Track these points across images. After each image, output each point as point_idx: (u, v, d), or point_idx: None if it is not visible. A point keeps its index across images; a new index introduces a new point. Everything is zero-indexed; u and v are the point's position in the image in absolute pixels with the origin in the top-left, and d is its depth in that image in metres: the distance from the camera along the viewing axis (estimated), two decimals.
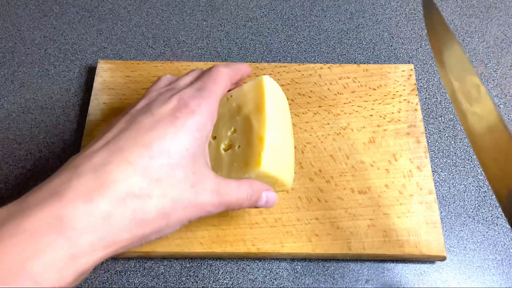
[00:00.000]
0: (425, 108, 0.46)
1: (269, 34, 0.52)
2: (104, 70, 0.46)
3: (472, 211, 0.41)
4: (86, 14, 0.53)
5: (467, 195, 0.42)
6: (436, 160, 0.44)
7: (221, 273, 0.38)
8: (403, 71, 0.46)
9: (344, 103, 0.44)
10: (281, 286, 0.38)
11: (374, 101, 0.44)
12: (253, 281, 0.38)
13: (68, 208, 0.23)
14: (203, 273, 0.38)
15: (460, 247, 0.40)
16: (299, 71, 0.46)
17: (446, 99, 0.47)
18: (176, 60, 0.49)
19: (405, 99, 0.44)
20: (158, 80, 0.33)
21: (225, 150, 0.34)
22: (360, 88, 0.45)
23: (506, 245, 0.40)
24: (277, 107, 0.34)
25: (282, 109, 0.35)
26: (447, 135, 0.45)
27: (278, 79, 0.45)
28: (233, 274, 0.38)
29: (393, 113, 0.44)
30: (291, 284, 0.38)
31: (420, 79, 0.48)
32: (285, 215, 0.39)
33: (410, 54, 0.50)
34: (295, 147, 0.41)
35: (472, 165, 0.43)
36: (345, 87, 0.45)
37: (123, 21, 0.52)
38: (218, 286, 0.38)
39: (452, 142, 0.45)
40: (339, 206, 0.39)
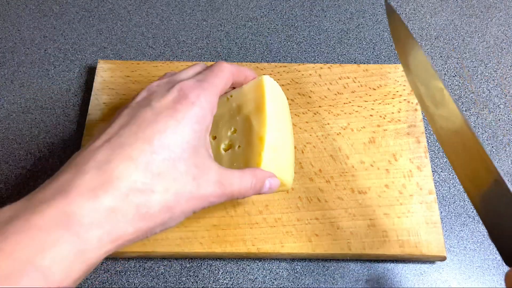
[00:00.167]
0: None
1: (269, 34, 0.52)
2: (104, 70, 0.46)
3: (472, 211, 0.41)
4: (86, 14, 0.53)
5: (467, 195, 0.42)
6: (436, 160, 0.44)
7: (221, 273, 0.38)
8: (403, 71, 0.46)
9: (344, 103, 0.44)
10: (281, 286, 0.38)
11: (374, 101, 0.44)
12: (253, 281, 0.38)
13: (74, 205, 0.23)
14: (203, 273, 0.38)
15: (460, 247, 0.40)
16: (299, 71, 0.46)
17: None
18: (176, 60, 0.49)
19: (405, 99, 0.44)
20: (161, 76, 0.33)
21: (225, 150, 0.34)
22: (360, 88, 0.45)
23: None
24: (277, 107, 0.34)
25: (282, 109, 0.35)
26: None
27: (278, 79, 0.45)
28: (233, 274, 0.38)
29: (393, 113, 0.44)
30: (291, 284, 0.38)
31: None
32: (285, 215, 0.39)
33: None
34: (295, 147, 0.41)
35: None
36: (345, 87, 0.45)
37: (123, 21, 0.52)
38: (218, 286, 0.38)
39: None
40: (339, 206, 0.39)
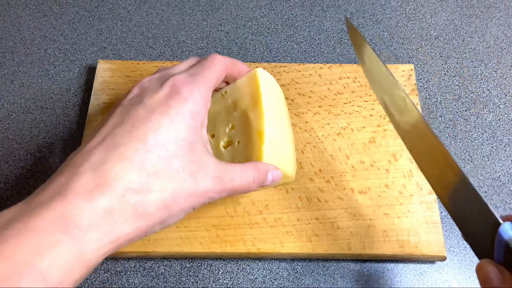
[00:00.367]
0: (425, 108, 0.46)
1: (269, 34, 0.52)
2: (104, 70, 0.46)
3: None
4: (86, 14, 0.53)
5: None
6: None
7: (221, 273, 0.38)
8: (403, 71, 0.46)
9: (344, 103, 0.44)
10: (281, 286, 0.38)
11: (374, 101, 0.44)
12: (253, 281, 0.38)
13: (71, 207, 0.23)
14: (203, 273, 0.38)
15: (460, 247, 0.40)
16: (299, 71, 0.46)
17: (446, 99, 0.47)
18: (176, 60, 0.49)
19: None
20: (154, 72, 0.33)
21: (225, 147, 0.34)
22: (360, 88, 0.45)
23: None
24: (273, 99, 0.34)
25: (278, 101, 0.35)
26: (447, 135, 0.45)
27: (278, 79, 0.45)
28: (233, 274, 0.38)
29: None
30: (291, 284, 0.38)
31: (420, 79, 0.48)
32: (285, 215, 0.39)
33: (410, 54, 0.50)
34: (295, 147, 0.41)
35: (472, 165, 0.43)
36: (345, 87, 0.45)
37: (123, 21, 0.52)
38: (218, 286, 0.38)
39: (452, 142, 0.45)
40: (339, 206, 0.39)
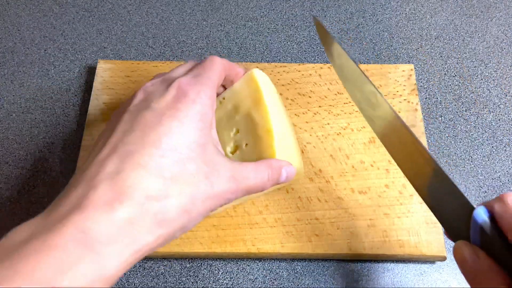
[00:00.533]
0: (425, 108, 0.46)
1: (269, 34, 0.52)
2: (104, 70, 0.46)
3: None
4: (86, 14, 0.53)
5: (467, 195, 0.42)
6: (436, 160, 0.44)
7: (221, 273, 0.38)
8: (403, 71, 0.46)
9: (344, 103, 0.44)
10: (281, 286, 0.38)
11: None
12: (253, 281, 0.38)
13: (90, 221, 0.22)
14: (203, 273, 0.38)
15: None
16: (299, 71, 0.46)
17: (446, 99, 0.47)
18: (176, 60, 0.49)
19: (405, 99, 0.44)
20: (152, 78, 0.33)
21: (232, 153, 0.35)
22: None
23: None
24: (273, 97, 0.35)
25: (277, 98, 0.36)
26: (447, 135, 0.45)
27: (278, 79, 0.45)
28: (233, 274, 0.38)
29: None
30: (291, 284, 0.38)
31: (420, 79, 0.48)
32: (285, 215, 0.39)
33: (410, 54, 0.50)
34: None
35: (472, 165, 0.43)
36: None
37: (123, 21, 0.52)
38: (218, 286, 0.38)
39: (452, 142, 0.45)
40: (339, 206, 0.39)
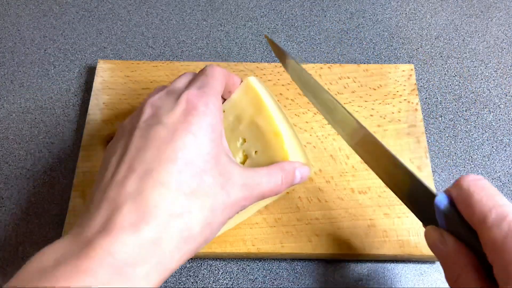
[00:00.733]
0: (425, 108, 0.46)
1: (269, 34, 0.52)
2: (104, 70, 0.46)
3: None
4: (86, 14, 0.53)
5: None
6: (436, 160, 0.44)
7: (221, 273, 0.38)
8: (403, 71, 0.46)
9: (344, 103, 0.44)
10: (281, 286, 0.38)
11: (374, 101, 0.44)
12: (253, 281, 0.38)
13: (118, 244, 0.23)
14: (203, 273, 0.38)
15: None
16: None
17: (447, 99, 0.47)
18: (176, 60, 0.49)
19: (405, 99, 0.44)
20: (152, 92, 0.33)
21: (243, 163, 0.35)
22: (360, 88, 0.45)
23: None
24: (272, 101, 0.35)
25: (275, 101, 0.36)
26: (447, 135, 0.45)
27: (278, 79, 0.45)
28: (233, 274, 0.38)
29: (393, 113, 0.44)
30: (291, 284, 0.38)
31: (420, 79, 0.48)
32: (285, 215, 0.39)
33: (410, 54, 0.50)
34: None
35: (473, 165, 0.43)
36: (345, 87, 0.45)
37: (123, 21, 0.52)
38: (218, 286, 0.38)
39: (452, 142, 0.45)
40: (339, 206, 0.39)
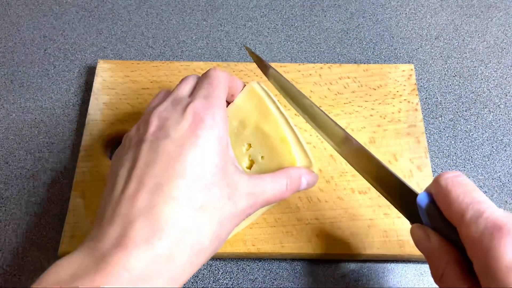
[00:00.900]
0: (425, 108, 0.46)
1: (269, 34, 0.52)
2: (104, 70, 0.46)
3: None
4: (86, 14, 0.53)
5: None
6: (436, 160, 0.44)
7: (221, 273, 0.38)
8: (403, 71, 0.46)
9: (344, 103, 0.44)
10: (281, 286, 0.38)
11: (374, 101, 0.44)
12: (253, 281, 0.38)
13: (133, 260, 0.23)
14: (203, 273, 0.38)
15: None
16: (299, 71, 0.46)
17: (447, 99, 0.47)
18: (176, 60, 0.49)
19: (405, 99, 0.44)
20: (155, 97, 0.33)
21: (249, 168, 0.34)
22: (360, 88, 0.45)
23: None
24: (277, 105, 0.35)
25: (278, 105, 0.36)
26: (447, 135, 0.45)
27: None
28: (233, 274, 0.38)
29: (393, 113, 0.44)
30: (291, 284, 0.38)
31: (420, 79, 0.48)
32: (285, 215, 0.39)
33: (410, 54, 0.50)
34: None
35: (472, 165, 0.43)
36: (345, 87, 0.45)
37: (123, 21, 0.52)
38: (218, 286, 0.38)
39: (452, 142, 0.45)
40: (339, 206, 0.39)
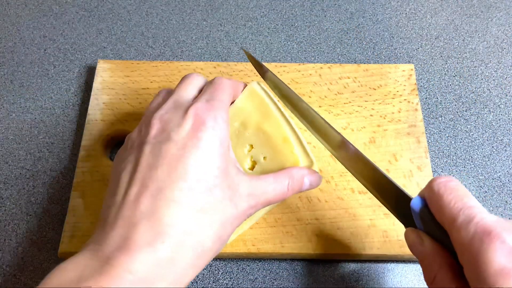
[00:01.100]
0: (426, 108, 0.46)
1: (269, 34, 0.52)
2: (104, 70, 0.46)
3: None
4: (86, 14, 0.53)
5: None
6: (436, 160, 0.44)
7: (221, 273, 0.38)
8: (404, 71, 0.46)
9: (344, 103, 0.44)
10: (281, 286, 0.38)
11: (374, 101, 0.44)
12: (253, 281, 0.38)
13: (136, 262, 0.23)
14: (203, 273, 0.38)
15: None
16: (299, 71, 0.46)
17: (447, 99, 0.47)
18: (176, 60, 0.49)
19: (406, 99, 0.44)
20: (156, 97, 0.33)
21: (251, 168, 0.34)
22: (360, 88, 0.45)
23: None
24: (277, 105, 0.35)
25: (279, 105, 0.36)
26: (447, 135, 0.45)
27: None
28: (233, 274, 0.38)
29: (394, 113, 0.43)
30: (291, 284, 0.38)
31: (421, 79, 0.48)
32: (285, 215, 0.39)
33: (411, 54, 0.50)
34: None
35: (472, 165, 0.43)
36: (345, 87, 0.45)
37: (123, 21, 0.52)
38: (218, 286, 0.38)
39: (452, 142, 0.45)
40: (339, 206, 0.39)
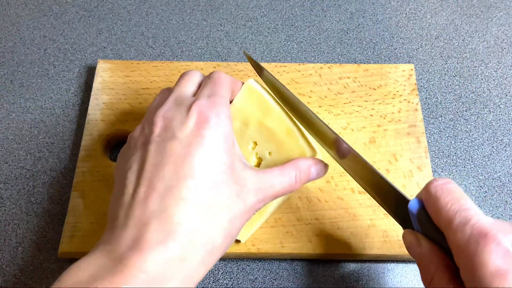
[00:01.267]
0: (426, 108, 0.46)
1: (269, 34, 0.52)
2: (104, 70, 0.46)
3: None
4: (86, 14, 0.53)
5: (467, 195, 0.42)
6: (436, 160, 0.44)
7: (221, 273, 0.38)
8: (404, 71, 0.46)
9: (344, 103, 0.44)
10: (281, 286, 0.38)
11: (374, 101, 0.44)
12: (253, 281, 0.38)
13: (149, 261, 0.24)
14: None
15: None
16: (299, 71, 0.46)
17: (447, 99, 0.47)
18: (176, 60, 0.49)
19: (406, 99, 0.44)
20: (157, 96, 0.33)
21: (258, 166, 0.34)
22: (360, 88, 0.45)
23: None
24: (275, 101, 0.35)
25: (276, 100, 0.36)
26: (447, 135, 0.45)
27: (278, 79, 0.45)
28: (233, 274, 0.38)
29: (394, 113, 0.43)
30: (291, 284, 0.38)
31: (421, 79, 0.48)
32: (285, 215, 0.39)
33: (411, 54, 0.50)
34: None
35: (472, 165, 0.43)
36: (345, 87, 0.45)
37: (123, 21, 0.52)
38: (218, 286, 0.38)
39: (452, 142, 0.45)
40: (339, 206, 0.39)
